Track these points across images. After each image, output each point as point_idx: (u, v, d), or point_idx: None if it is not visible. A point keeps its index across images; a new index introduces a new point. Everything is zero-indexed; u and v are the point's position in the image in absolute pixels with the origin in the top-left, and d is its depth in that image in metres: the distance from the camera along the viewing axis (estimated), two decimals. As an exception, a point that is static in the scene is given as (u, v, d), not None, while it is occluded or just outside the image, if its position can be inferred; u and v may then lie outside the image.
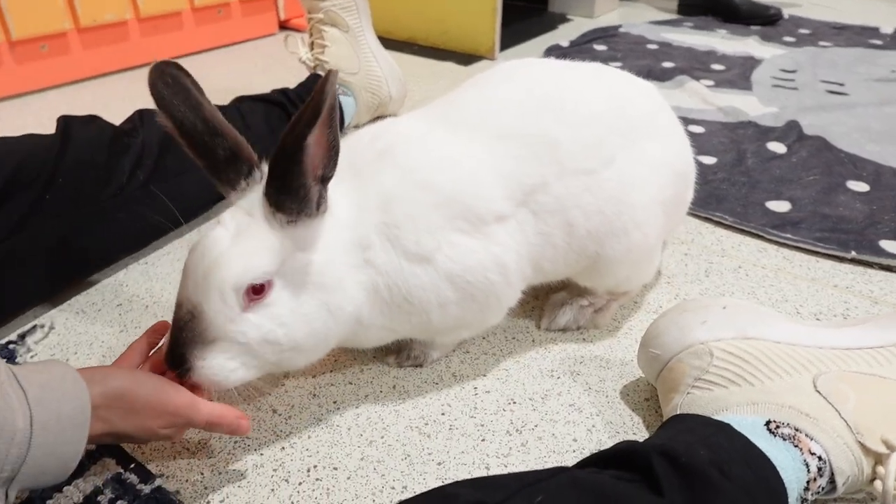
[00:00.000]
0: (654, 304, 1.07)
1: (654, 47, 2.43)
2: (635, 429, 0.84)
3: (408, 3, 2.41)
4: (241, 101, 1.46)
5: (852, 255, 1.15)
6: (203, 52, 2.40)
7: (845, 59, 2.27)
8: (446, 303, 0.80)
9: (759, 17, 2.73)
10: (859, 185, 1.40)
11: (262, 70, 2.20)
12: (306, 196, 0.66)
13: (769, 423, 0.68)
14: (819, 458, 0.65)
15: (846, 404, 0.68)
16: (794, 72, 2.14)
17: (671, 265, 1.16)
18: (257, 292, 0.67)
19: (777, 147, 1.57)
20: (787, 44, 2.46)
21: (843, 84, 2.01)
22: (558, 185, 0.83)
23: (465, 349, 0.98)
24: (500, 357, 0.96)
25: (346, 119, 1.66)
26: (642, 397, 0.89)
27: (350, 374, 0.93)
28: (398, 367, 0.94)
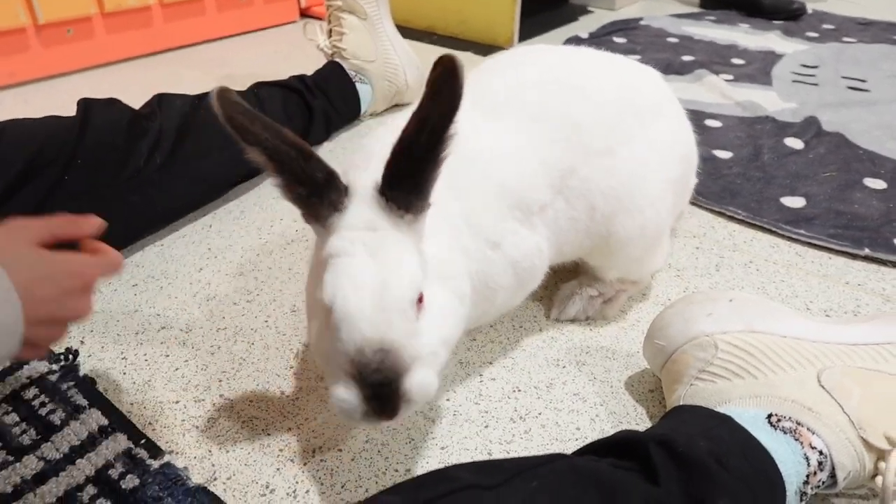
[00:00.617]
0: (663, 297, 1.07)
1: (675, 41, 2.40)
2: (638, 419, 0.85)
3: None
4: (259, 86, 1.47)
5: (865, 252, 1.14)
6: (225, 38, 2.42)
7: (869, 55, 2.23)
8: (507, 287, 0.82)
9: (783, 12, 2.69)
10: (877, 183, 1.38)
11: (283, 57, 2.22)
12: (431, 190, 0.62)
13: (771, 416, 0.68)
14: (820, 452, 0.65)
15: (850, 399, 0.68)
16: (815, 67, 2.11)
17: (682, 258, 1.16)
18: (419, 300, 0.62)
19: (794, 143, 1.56)
20: (810, 39, 2.43)
21: (865, 80, 1.98)
22: (584, 169, 0.84)
23: (472, 337, 0.98)
24: (507, 346, 0.97)
25: (363, 107, 1.67)
26: (647, 388, 0.89)
27: (358, 359, 0.94)
28: None
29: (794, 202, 1.31)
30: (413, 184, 0.60)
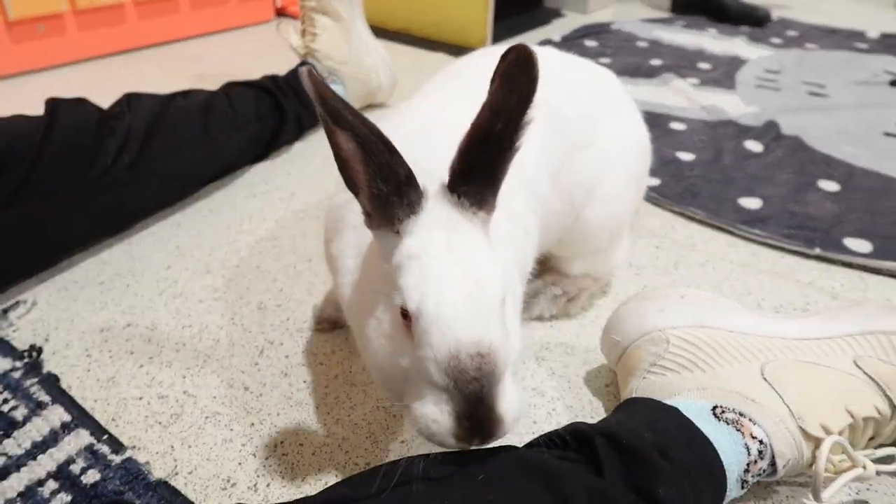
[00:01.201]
0: (623, 295, 1.10)
1: (644, 45, 2.45)
2: (594, 413, 0.87)
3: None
4: (230, 86, 1.47)
5: (817, 251, 1.18)
6: (199, 36, 2.42)
7: (829, 61, 2.29)
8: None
9: (748, 18, 2.76)
10: (830, 185, 1.43)
11: (257, 57, 2.22)
12: (501, 185, 0.58)
13: (716, 408, 0.71)
14: (760, 441, 0.68)
15: (790, 391, 0.71)
16: (778, 73, 2.16)
17: (642, 258, 1.19)
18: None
19: (754, 146, 1.60)
20: (775, 45, 2.49)
21: (824, 86, 2.04)
22: (570, 162, 0.87)
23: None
24: (469, 342, 0.99)
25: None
26: (603, 383, 0.92)
27: (321, 356, 0.96)
28: None
29: (752, 203, 1.35)
30: (486, 177, 0.56)
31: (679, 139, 1.65)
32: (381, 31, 2.16)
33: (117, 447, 0.80)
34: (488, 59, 0.91)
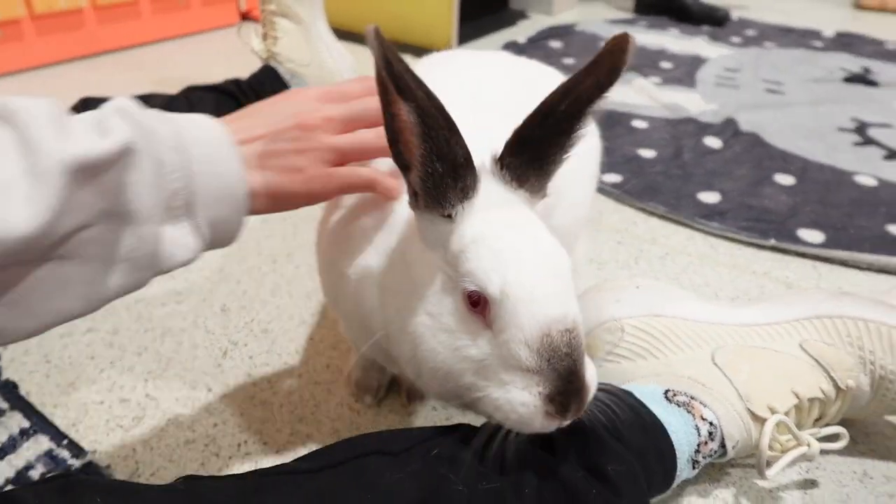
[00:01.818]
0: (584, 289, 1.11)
1: (608, 45, 2.49)
2: (555, 403, 0.89)
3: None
4: (191, 90, 1.47)
5: (772, 242, 1.22)
6: (162, 41, 2.40)
7: (786, 60, 2.35)
8: None
9: (709, 18, 2.82)
10: (786, 179, 1.47)
11: (221, 61, 2.21)
12: (552, 175, 0.57)
13: (668, 391, 0.73)
14: (710, 423, 0.70)
15: (739, 375, 0.73)
16: (737, 71, 2.21)
17: (604, 252, 1.22)
18: None
19: (713, 142, 1.64)
20: (734, 44, 2.55)
21: (781, 83, 2.10)
22: None
23: (400, 331, 1.01)
24: (433, 338, 1.00)
25: (299, 110, 1.68)
26: (564, 374, 0.93)
27: (286, 356, 0.96)
28: (422, 406, 0.89)
29: (710, 197, 1.38)
30: (535, 155, 0.54)
31: (641, 137, 1.68)
32: (346, 34, 2.16)
33: (77, 452, 0.80)
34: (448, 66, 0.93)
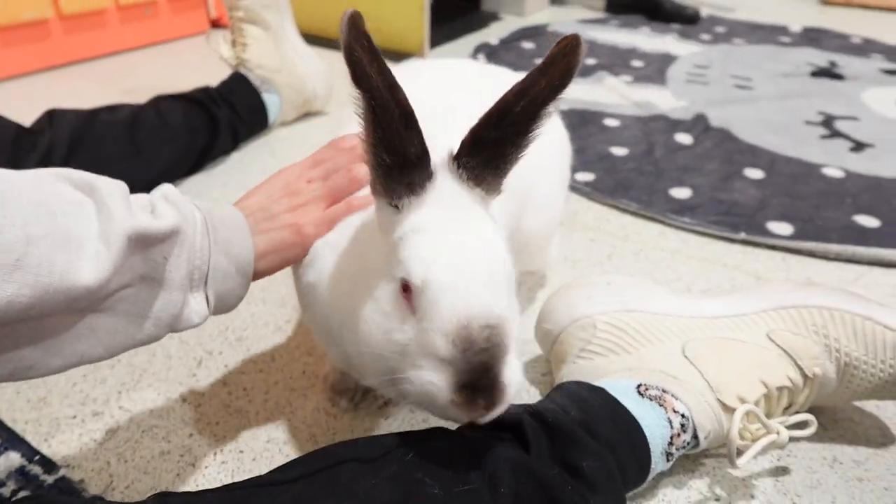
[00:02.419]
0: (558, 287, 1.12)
1: (579, 45, 2.51)
2: (531, 401, 0.89)
3: (337, 1, 2.42)
4: (159, 100, 1.46)
5: (742, 236, 1.24)
6: (130, 50, 2.38)
7: (755, 55, 2.39)
8: None
9: (679, 17, 2.85)
10: (755, 173, 1.49)
11: (192, 69, 2.19)
12: (507, 174, 0.57)
13: (640, 386, 0.74)
14: (682, 415, 0.71)
15: (709, 366, 0.75)
16: (706, 68, 2.24)
17: (577, 250, 1.22)
18: None
19: (684, 138, 1.66)
20: (704, 41, 2.58)
21: (750, 79, 2.13)
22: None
23: (376, 334, 1.01)
24: (409, 340, 1.00)
25: (272, 117, 1.68)
26: (540, 372, 0.94)
27: (261, 363, 0.96)
28: (397, 409, 0.89)
29: (682, 193, 1.40)
30: (492, 155, 0.55)
31: (613, 135, 1.69)
32: (318, 39, 2.16)
33: (50, 467, 0.79)
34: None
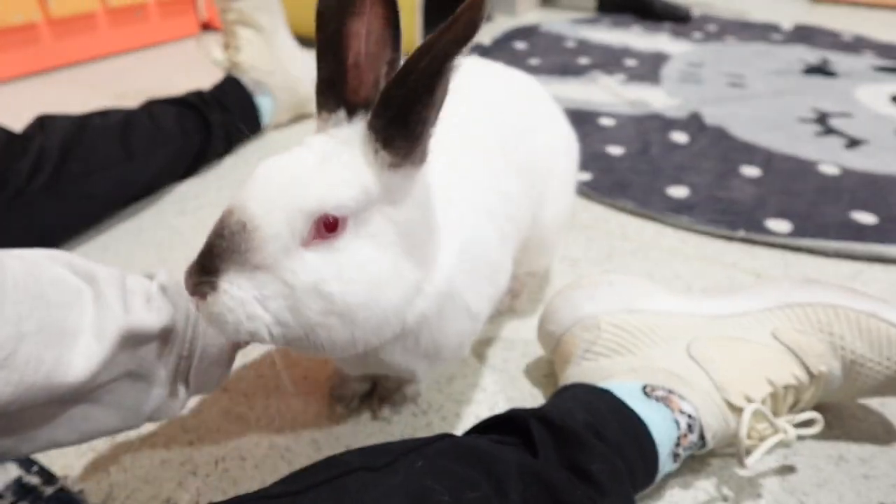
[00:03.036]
0: (559, 287, 1.11)
1: (572, 45, 2.51)
2: (535, 403, 0.88)
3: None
4: (152, 104, 1.44)
5: (741, 234, 1.24)
6: (121, 54, 2.36)
7: (747, 53, 2.40)
8: (502, 265, 0.76)
9: (671, 16, 2.86)
10: (752, 171, 1.49)
11: (183, 72, 2.17)
12: (422, 137, 0.54)
13: (646, 387, 0.73)
14: (689, 416, 0.71)
15: (714, 366, 0.74)
16: (699, 66, 2.25)
17: (576, 250, 1.22)
18: (329, 229, 0.54)
19: (680, 137, 1.66)
20: (696, 40, 2.59)
21: (743, 77, 2.13)
22: (521, 146, 0.83)
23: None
24: (410, 343, 0.99)
25: (266, 119, 1.67)
26: (542, 374, 0.94)
27: (261, 368, 0.95)
28: (393, 413, 0.88)
29: (679, 192, 1.40)
30: (398, 117, 0.53)
31: (608, 134, 1.69)
32: (311, 41, 2.15)
33: (48, 478, 0.77)
34: None
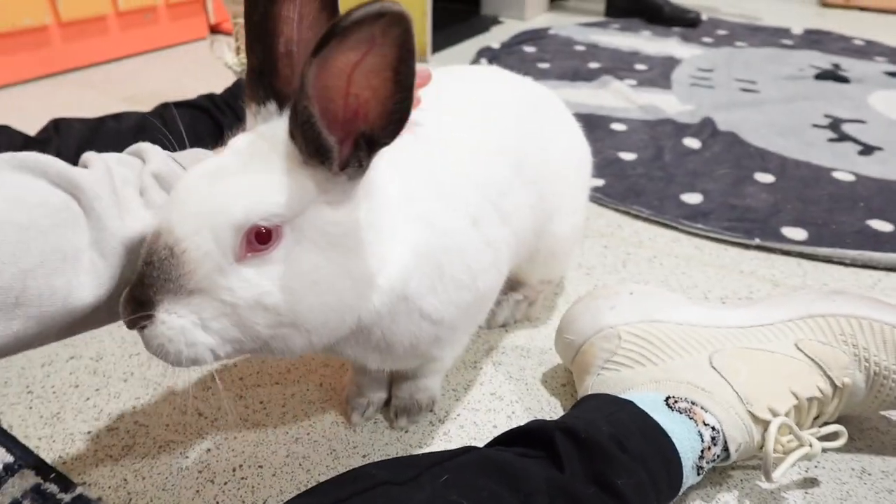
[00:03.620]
0: (574, 295, 1.11)
1: (582, 48, 2.50)
2: (553, 413, 0.88)
3: (342, 5, 2.41)
4: (164, 107, 1.44)
5: (757, 242, 1.23)
6: (130, 56, 2.36)
7: (758, 58, 2.39)
8: (487, 271, 0.72)
9: (680, 20, 2.85)
10: (766, 177, 1.48)
11: (192, 75, 2.18)
12: (319, 144, 0.51)
13: (668, 398, 0.73)
14: (713, 428, 0.70)
15: (737, 377, 0.74)
16: (710, 71, 2.24)
17: (591, 257, 1.21)
18: (262, 240, 0.52)
19: (692, 143, 1.66)
20: (706, 44, 2.58)
21: (755, 82, 2.13)
22: (531, 156, 0.82)
23: (392, 345, 1.00)
24: (426, 351, 0.99)
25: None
26: (559, 383, 0.93)
27: (277, 375, 0.94)
28: (410, 423, 0.87)
29: (693, 198, 1.39)
30: (293, 117, 0.50)
31: (620, 139, 1.69)
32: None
33: (66, 485, 0.77)
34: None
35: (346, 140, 0.52)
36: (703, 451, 0.69)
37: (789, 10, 3.23)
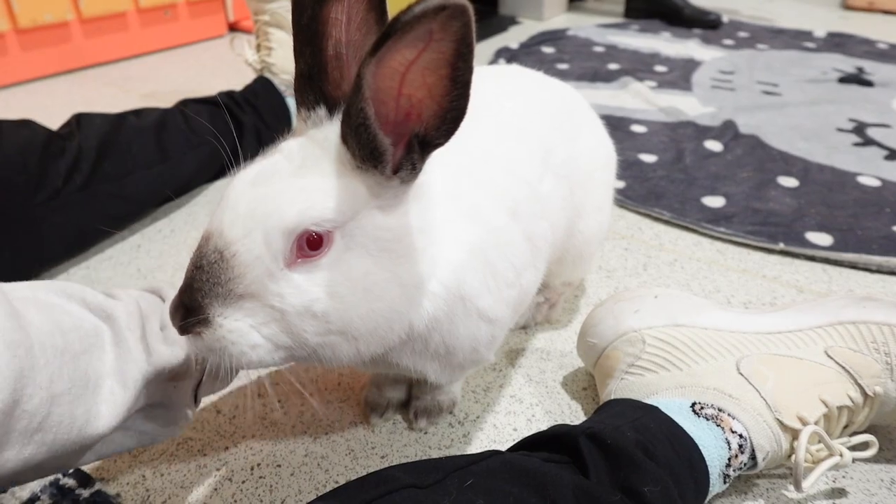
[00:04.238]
0: (595, 298, 1.10)
1: (601, 50, 2.49)
2: (573, 417, 0.87)
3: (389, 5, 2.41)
4: (185, 104, 1.44)
5: (781, 246, 1.21)
6: (150, 53, 2.37)
7: (780, 61, 2.36)
8: (527, 265, 0.71)
9: (700, 22, 2.82)
10: (789, 181, 1.46)
11: (211, 72, 2.18)
12: (373, 146, 0.50)
13: (694, 404, 0.71)
14: (740, 436, 0.69)
15: (766, 384, 0.72)
16: (731, 73, 2.21)
17: (612, 260, 1.20)
18: (313, 246, 0.51)
19: (714, 145, 1.63)
20: (727, 46, 2.55)
21: (777, 85, 2.10)
22: (561, 149, 0.81)
23: (411, 345, 0.99)
24: (445, 352, 0.98)
25: (294, 120, 1.66)
26: (580, 386, 0.92)
27: (295, 374, 0.94)
28: (430, 424, 0.86)
29: (715, 202, 1.37)
30: (346, 121, 0.50)
31: (641, 141, 1.67)
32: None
33: (85, 481, 0.77)
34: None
35: (399, 143, 0.51)
36: (730, 459, 0.68)
37: (811, 13, 3.19)
